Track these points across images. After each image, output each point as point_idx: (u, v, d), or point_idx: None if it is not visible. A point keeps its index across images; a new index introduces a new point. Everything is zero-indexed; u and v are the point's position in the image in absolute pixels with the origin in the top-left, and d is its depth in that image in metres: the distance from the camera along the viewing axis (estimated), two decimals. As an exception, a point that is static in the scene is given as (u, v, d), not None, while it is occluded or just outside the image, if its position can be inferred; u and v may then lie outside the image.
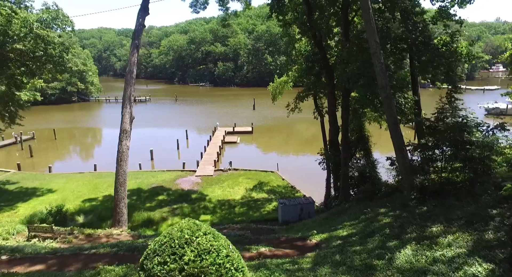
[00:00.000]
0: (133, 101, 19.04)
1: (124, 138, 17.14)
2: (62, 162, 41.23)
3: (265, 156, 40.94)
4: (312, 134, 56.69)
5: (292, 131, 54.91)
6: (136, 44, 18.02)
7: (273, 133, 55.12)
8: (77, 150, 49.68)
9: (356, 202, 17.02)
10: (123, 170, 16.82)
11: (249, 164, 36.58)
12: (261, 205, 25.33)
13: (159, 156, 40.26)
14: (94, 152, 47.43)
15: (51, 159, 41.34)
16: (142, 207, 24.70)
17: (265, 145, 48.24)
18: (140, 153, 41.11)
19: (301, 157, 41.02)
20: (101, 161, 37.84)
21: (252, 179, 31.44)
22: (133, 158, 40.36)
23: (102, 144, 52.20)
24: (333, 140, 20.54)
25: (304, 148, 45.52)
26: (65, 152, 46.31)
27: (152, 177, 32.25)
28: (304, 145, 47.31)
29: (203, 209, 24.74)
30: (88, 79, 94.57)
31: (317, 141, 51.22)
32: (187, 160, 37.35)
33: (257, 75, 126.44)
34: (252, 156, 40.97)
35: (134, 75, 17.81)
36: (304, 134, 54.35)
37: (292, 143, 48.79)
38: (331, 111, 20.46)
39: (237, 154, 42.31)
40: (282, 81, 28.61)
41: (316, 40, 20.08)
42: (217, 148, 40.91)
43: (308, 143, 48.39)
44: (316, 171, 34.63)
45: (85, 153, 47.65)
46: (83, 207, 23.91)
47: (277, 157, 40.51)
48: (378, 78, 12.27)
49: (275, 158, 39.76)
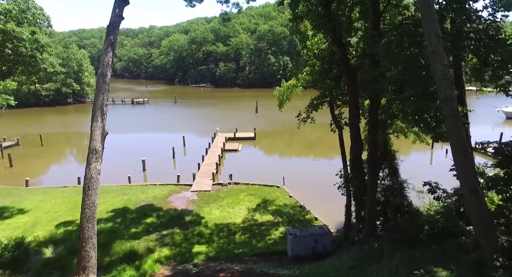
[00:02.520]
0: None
1: (94, 160, 13.38)
2: (44, 174, 37.17)
3: (269, 167, 37.09)
4: (318, 138, 51.94)
5: (298, 136, 50.87)
6: (111, 41, 14.30)
7: (277, 139, 51.34)
8: (64, 158, 45.64)
9: (391, 244, 13.16)
10: (91, 202, 13.06)
11: (252, 176, 32.81)
12: (266, 231, 21.52)
13: (153, 166, 36.51)
14: (82, 161, 43.42)
15: (33, 169, 37.61)
16: (126, 234, 20.95)
17: (269, 152, 44.55)
18: (131, 163, 37.44)
19: (309, 167, 37.13)
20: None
21: (255, 196, 27.65)
22: (123, 169, 35.95)
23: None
24: (355, 159, 16.72)
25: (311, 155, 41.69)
26: (50, 161, 42.43)
27: (142, 192, 28.50)
28: (312, 152, 43.46)
29: (197, 236, 20.93)
30: (84, 80, 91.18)
31: (325, 146, 47.88)
32: (183, 171, 33.64)
33: (259, 76, 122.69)
34: (255, 167, 37.16)
35: (108, 80, 14.06)
36: (310, 139, 50.47)
37: (298, 150, 44.82)
38: (353, 124, 16.65)
39: (238, 163, 38.53)
40: (290, 85, 24.80)
41: (335, 37, 16.30)
42: (216, 158, 37.15)
43: (315, 149, 44.49)
44: (328, 186, 30.51)
45: (73, 162, 43.69)
46: (55, 234, 20.15)
47: (283, 167, 36.68)
48: (439, 87, 8.54)
49: (280, 168, 35.93)
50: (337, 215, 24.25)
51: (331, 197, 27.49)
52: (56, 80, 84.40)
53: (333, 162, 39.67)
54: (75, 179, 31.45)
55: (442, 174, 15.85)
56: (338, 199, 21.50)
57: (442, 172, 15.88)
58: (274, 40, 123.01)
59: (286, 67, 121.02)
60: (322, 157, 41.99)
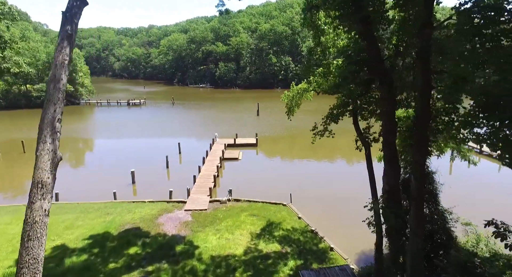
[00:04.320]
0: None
1: (39, 197, 9.58)
2: (18, 188, 32.78)
3: (273, 179, 33.30)
4: (329, 143, 43.97)
5: (304, 142, 46.85)
6: (68, 33, 10.48)
7: (281, 145, 47.51)
8: None
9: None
10: (32, 258, 9.22)
11: (254, 191, 29.15)
12: (272, 267, 17.78)
13: (143, 178, 32.73)
14: (67, 172, 39.16)
15: (6, 182, 33.79)
16: (102, 271, 17.21)
17: (272, 161, 40.67)
18: (119, 174, 33.66)
19: (319, 178, 33.26)
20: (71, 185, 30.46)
21: (258, 217, 23.92)
22: (109, 182, 31.52)
23: (83, 161, 44.66)
24: (391, 188, 12.93)
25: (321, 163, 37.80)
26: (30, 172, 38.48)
27: (128, 212, 24.75)
28: (321, 160, 39.56)
29: (189, 273, 17.20)
30: (78, 80, 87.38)
31: (337, 152, 43.68)
32: (177, 184, 30.03)
33: (260, 76, 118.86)
34: (257, 178, 33.39)
35: (63, 86, 10.28)
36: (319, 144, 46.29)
37: (305, 157, 40.84)
38: (388, 142, 12.87)
39: (238, 175, 34.76)
40: (300, 89, 21.03)
41: (365, 29, 12.55)
42: (214, 168, 33.38)
43: (325, 155, 40.53)
44: (343, 203, 26.61)
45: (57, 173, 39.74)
46: (11, 274, 16.36)
47: (288, 178, 32.89)
48: None
49: (286, 180, 32.20)
50: (357, 243, 20.59)
51: (347, 218, 23.84)
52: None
53: (348, 171, 35.75)
54: (57, 195, 27.66)
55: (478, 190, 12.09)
56: (356, 221, 17.77)
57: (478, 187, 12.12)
58: (276, 39, 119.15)
59: (288, 68, 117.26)
60: (334, 165, 38.08)
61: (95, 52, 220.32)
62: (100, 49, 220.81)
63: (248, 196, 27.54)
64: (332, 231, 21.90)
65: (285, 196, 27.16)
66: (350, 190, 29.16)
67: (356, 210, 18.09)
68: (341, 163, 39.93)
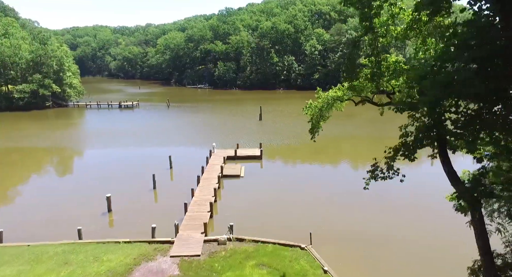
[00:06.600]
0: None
1: None
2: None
3: (285, 203, 26.83)
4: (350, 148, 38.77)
5: (318, 151, 40.35)
6: None
7: (290, 157, 41.00)
8: (18, 190, 34.86)
9: None
10: None
11: (261, 223, 23.08)
12: None
13: (123, 204, 26.37)
14: (15, 201, 29.85)
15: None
16: None
17: (282, 177, 33.36)
18: (92, 200, 27.22)
19: (347, 205, 26.43)
20: (23, 219, 24.18)
21: (269, 267, 17.70)
22: (78, 212, 24.67)
23: (47, 182, 37.76)
24: None
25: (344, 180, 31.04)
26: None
27: (94, 260, 18.47)
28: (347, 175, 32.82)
29: None
30: (66, 80, 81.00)
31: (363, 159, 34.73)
32: (164, 212, 24.16)
33: (261, 76, 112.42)
34: (265, 204, 26.94)
35: None
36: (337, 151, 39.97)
37: (324, 174, 34.26)
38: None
39: (241, 198, 28.33)
40: (331, 97, 14.74)
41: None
42: (211, 191, 27.07)
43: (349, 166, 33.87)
44: (389, 244, 19.45)
45: (36, 196, 33.14)
46: None
47: (305, 204, 26.53)
48: None
49: (301, 206, 25.96)
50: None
51: (395, 267, 17.60)
52: (32, 81, 74.22)
53: (387, 194, 26.11)
54: (38, 233, 21.33)
55: None
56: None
57: None
58: (277, 38, 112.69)
59: (291, 68, 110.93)
60: (369, 187, 30.59)
61: (91, 51, 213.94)
62: (96, 48, 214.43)
63: (255, 232, 21.44)
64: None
65: (302, 232, 20.89)
66: (393, 224, 22.94)
67: (408, 256, 11.84)
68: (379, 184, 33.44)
